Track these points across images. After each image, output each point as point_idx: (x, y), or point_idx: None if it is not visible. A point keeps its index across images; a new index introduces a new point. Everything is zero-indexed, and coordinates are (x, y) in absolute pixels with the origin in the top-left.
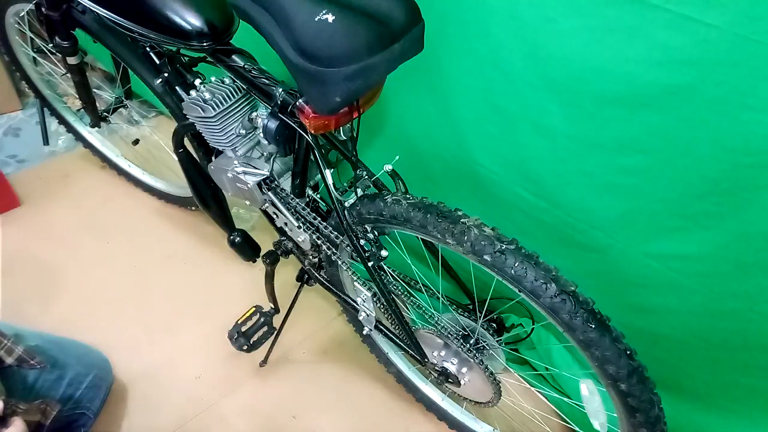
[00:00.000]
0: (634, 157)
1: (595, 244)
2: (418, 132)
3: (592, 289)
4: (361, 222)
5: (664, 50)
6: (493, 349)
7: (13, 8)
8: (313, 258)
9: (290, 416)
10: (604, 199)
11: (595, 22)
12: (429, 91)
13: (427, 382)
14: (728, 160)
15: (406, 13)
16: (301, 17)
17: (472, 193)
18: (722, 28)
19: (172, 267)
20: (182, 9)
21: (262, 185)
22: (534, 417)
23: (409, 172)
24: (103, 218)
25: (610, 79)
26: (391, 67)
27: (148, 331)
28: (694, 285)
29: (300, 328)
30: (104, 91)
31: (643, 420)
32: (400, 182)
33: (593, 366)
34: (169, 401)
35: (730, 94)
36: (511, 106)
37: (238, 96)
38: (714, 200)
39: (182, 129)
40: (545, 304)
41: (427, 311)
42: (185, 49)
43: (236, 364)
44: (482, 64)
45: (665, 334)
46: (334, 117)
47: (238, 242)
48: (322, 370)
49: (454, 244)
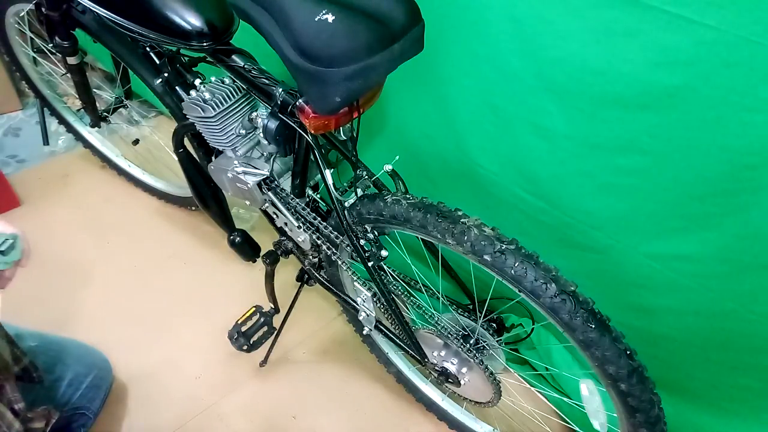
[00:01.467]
0: (633, 158)
1: (594, 245)
2: (417, 132)
3: (592, 290)
4: (361, 222)
5: (663, 51)
6: (493, 349)
7: (13, 8)
8: (313, 258)
9: (290, 416)
10: (604, 199)
11: (593, 24)
12: (429, 92)
13: (427, 382)
14: (728, 161)
15: (406, 14)
16: (301, 17)
17: (471, 194)
18: (721, 29)
19: (172, 267)
20: (182, 9)
21: (262, 185)
22: (534, 417)
23: (409, 172)
24: (103, 218)
25: (608, 80)
26: (391, 68)
27: (148, 331)
28: (693, 285)
29: (300, 328)
30: (104, 91)
31: (643, 420)
32: (400, 182)
33: (593, 366)
34: (169, 401)
35: (729, 95)
36: (510, 107)
37: (238, 96)
38: (713, 201)
39: (182, 129)
40: (545, 304)
41: (427, 311)
42: (185, 49)
43: (236, 364)
44: (482, 64)
45: (665, 334)
46: (334, 117)
47: (238, 242)
48: (322, 370)
49: (454, 244)
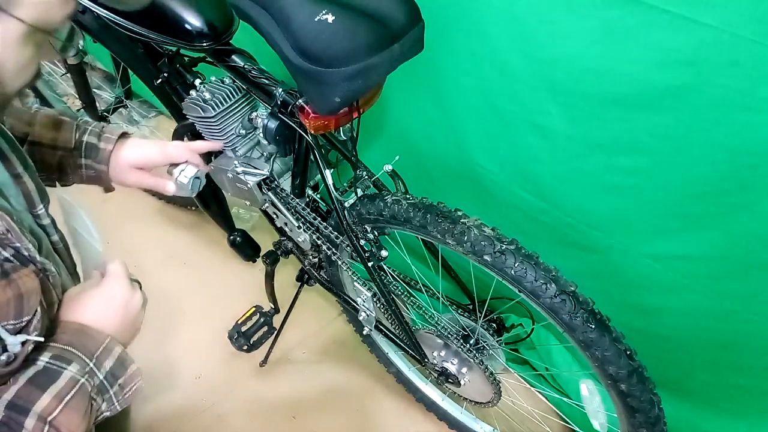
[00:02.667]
0: (633, 158)
1: (594, 245)
2: (417, 132)
3: (592, 290)
4: (361, 222)
5: (664, 51)
6: (493, 349)
7: None
8: (313, 258)
9: (290, 416)
10: (604, 199)
11: (594, 23)
12: (429, 92)
13: (427, 382)
14: (728, 161)
15: (406, 14)
16: (301, 18)
17: (471, 194)
18: (721, 29)
19: (172, 267)
20: (182, 9)
21: (262, 185)
22: (534, 417)
23: (409, 173)
24: (103, 218)
25: (609, 80)
26: (391, 68)
27: (148, 331)
28: (693, 285)
29: (300, 328)
30: (104, 91)
31: (643, 420)
32: (400, 182)
33: (593, 366)
34: (169, 401)
35: (729, 95)
36: (510, 107)
37: (238, 96)
38: (714, 201)
39: (182, 129)
40: (545, 304)
41: (427, 311)
42: (185, 49)
43: (236, 364)
44: (482, 64)
45: (665, 334)
46: (333, 117)
47: (238, 242)
48: (322, 370)
49: (454, 244)
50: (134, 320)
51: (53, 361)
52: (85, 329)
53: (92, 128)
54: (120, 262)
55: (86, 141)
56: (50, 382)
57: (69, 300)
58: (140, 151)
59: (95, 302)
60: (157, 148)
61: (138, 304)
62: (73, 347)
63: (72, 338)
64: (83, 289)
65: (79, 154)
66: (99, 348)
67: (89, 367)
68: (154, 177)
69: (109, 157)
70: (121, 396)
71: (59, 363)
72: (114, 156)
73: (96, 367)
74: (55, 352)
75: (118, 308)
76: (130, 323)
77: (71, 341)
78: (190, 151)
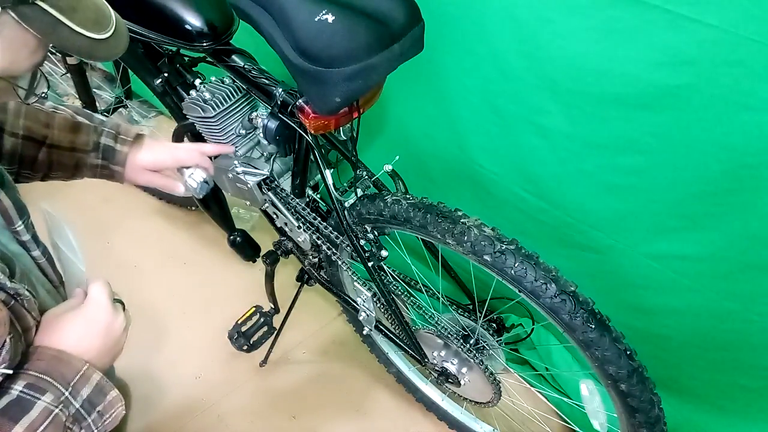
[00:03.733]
0: (633, 158)
1: (595, 245)
2: (418, 132)
3: (592, 290)
4: (361, 222)
5: (664, 51)
6: (493, 349)
7: None
8: (313, 258)
9: (290, 416)
10: (604, 199)
11: (594, 23)
12: (429, 92)
13: (427, 382)
14: (728, 161)
15: (406, 14)
16: (301, 17)
17: (472, 194)
18: (722, 29)
19: (172, 267)
20: (182, 9)
21: (262, 185)
22: (534, 417)
23: (409, 172)
24: (103, 218)
25: (609, 80)
26: (391, 68)
27: (148, 331)
28: (693, 285)
29: (300, 328)
30: (104, 91)
31: (643, 420)
32: (400, 182)
33: (593, 366)
34: (169, 401)
35: (729, 95)
36: (510, 107)
37: (238, 96)
38: (714, 200)
39: (182, 129)
40: (545, 304)
41: (427, 311)
42: (185, 49)
43: (236, 364)
44: (482, 64)
45: (665, 334)
46: (334, 117)
47: (238, 242)
48: (322, 370)
49: (454, 244)
50: (115, 343)
51: (27, 390)
52: (62, 356)
53: (108, 129)
54: (103, 282)
55: (103, 143)
56: (23, 413)
57: (48, 323)
58: (152, 155)
59: (75, 326)
60: (168, 153)
61: (120, 327)
62: (49, 375)
63: (48, 366)
64: (64, 310)
65: (96, 155)
66: (76, 376)
67: (64, 396)
68: (164, 178)
69: (125, 160)
70: (100, 423)
71: (33, 393)
72: (129, 158)
73: (72, 396)
74: (29, 380)
75: (99, 332)
76: (111, 347)
77: (47, 369)
78: (200, 154)
